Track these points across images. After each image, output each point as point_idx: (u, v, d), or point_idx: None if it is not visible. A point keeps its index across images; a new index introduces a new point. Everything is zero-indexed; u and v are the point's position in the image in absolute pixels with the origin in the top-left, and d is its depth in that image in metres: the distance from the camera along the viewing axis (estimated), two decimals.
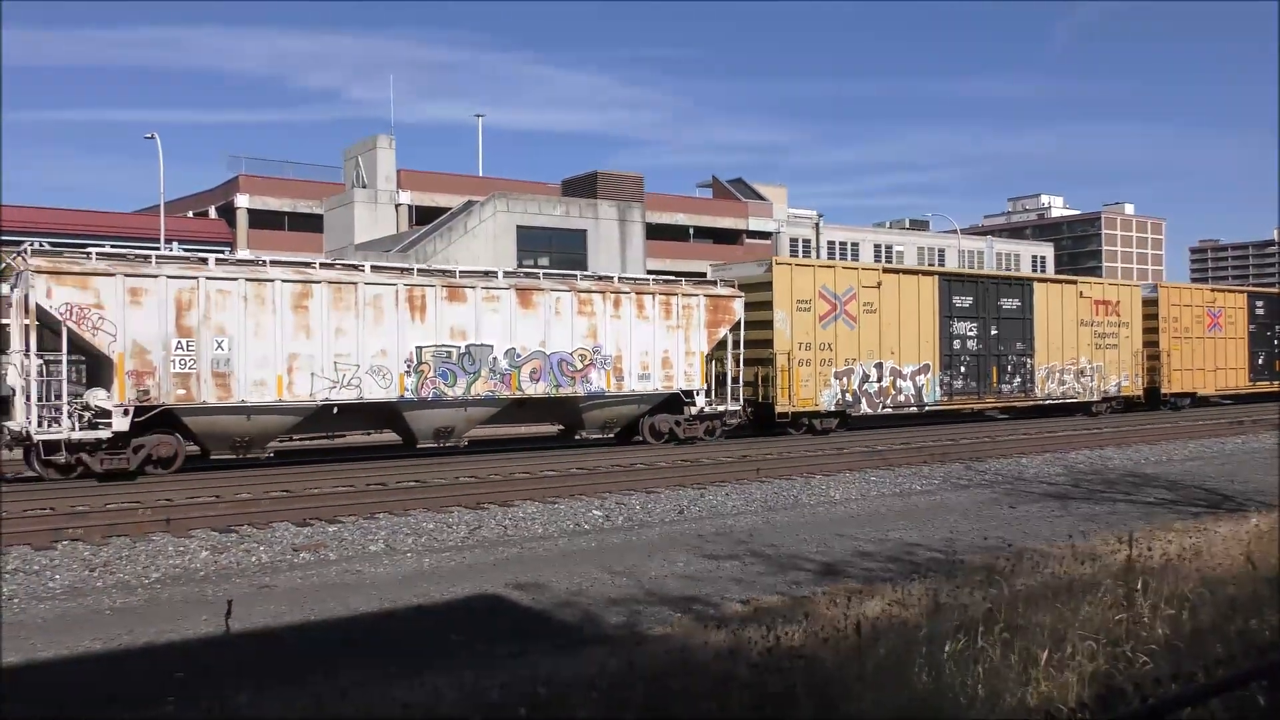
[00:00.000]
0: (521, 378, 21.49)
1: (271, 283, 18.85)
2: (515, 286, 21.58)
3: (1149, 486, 17.84)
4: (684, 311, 23.66)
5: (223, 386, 18.37)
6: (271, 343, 18.77)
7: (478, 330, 21.00)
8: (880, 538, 13.05)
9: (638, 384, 23.01)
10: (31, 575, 10.89)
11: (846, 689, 5.44)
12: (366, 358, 19.72)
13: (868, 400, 27.46)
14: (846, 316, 27.00)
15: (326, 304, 19.33)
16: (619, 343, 22.73)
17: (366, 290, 19.80)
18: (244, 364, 18.51)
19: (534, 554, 12.21)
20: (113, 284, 17.51)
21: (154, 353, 17.84)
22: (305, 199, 56.38)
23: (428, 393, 20.39)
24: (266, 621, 9.03)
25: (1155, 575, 7.78)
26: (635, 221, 44.63)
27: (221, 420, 18.70)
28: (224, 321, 18.41)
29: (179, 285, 18.09)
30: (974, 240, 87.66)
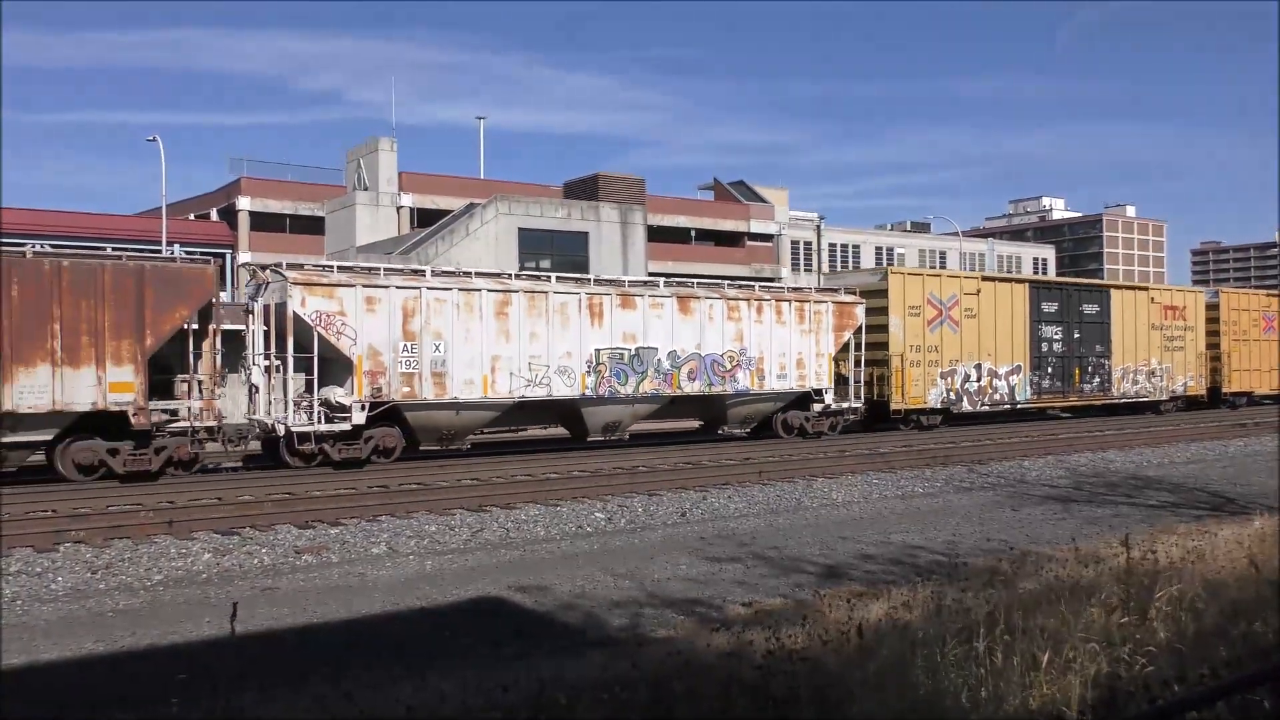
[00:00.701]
0: (681, 377, 23.71)
1: (479, 292, 21.02)
2: (676, 295, 23.84)
3: (1151, 489, 17.83)
4: (815, 317, 25.98)
5: (439, 385, 20.49)
6: (478, 346, 20.92)
7: (645, 334, 23.20)
8: (882, 540, 13.05)
9: (776, 383, 25.26)
10: (34, 577, 10.90)
11: (849, 692, 5.44)
12: (555, 359, 21.86)
13: (968, 398, 29.75)
14: (950, 321, 29.29)
15: (523, 311, 21.49)
16: (761, 345, 24.95)
17: (555, 299, 21.92)
18: (456, 365, 20.66)
19: (536, 556, 12.21)
20: (353, 294, 19.64)
21: (385, 355, 19.94)
22: (307, 201, 56.40)
23: (604, 390, 22.54)
24: (269, 624, 9.04)
25: (1158, 578, 7.77)
26: (637, 224, 44.65)
27: (436, 415, 20.86)
28: (440, 327, 20.51)
29: (404, 295, 20.19)
30: (975, 242, 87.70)
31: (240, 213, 55.24)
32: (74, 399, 17.01)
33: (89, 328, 17.17)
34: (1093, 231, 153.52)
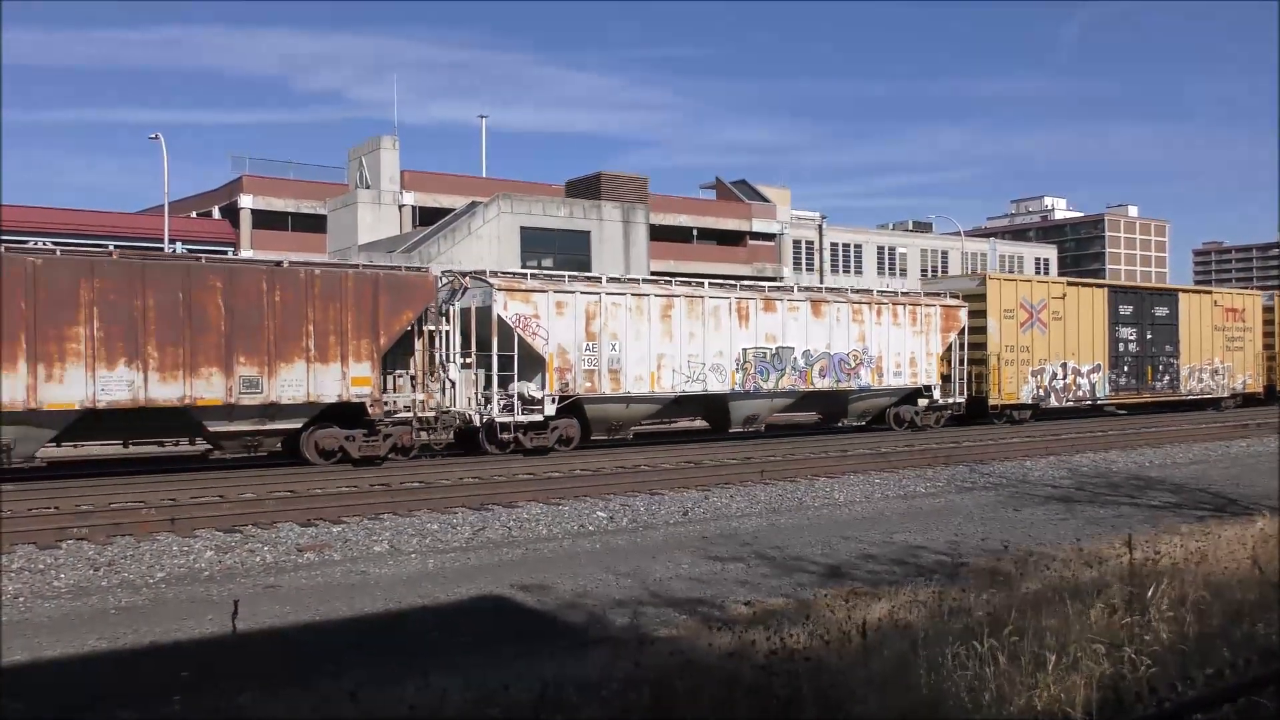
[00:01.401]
0: (814, 374, 26.35)
1: (646, 297, 23.64)
2: (810, 299, 26.52)
3: (1154, 489, 17.82)
4: (925, 319, 28.56)
5: (614, 380, 23.02)
6: (646, 345, 23.48)
7: (784, 335, 25.79)
8: (885, 540, 13.04)
9: (893, 380, 27.90)
10: (36, 574, 10.91)
11: (851, 692, 5.44)
12: (709, 357, 24.44)
13: (1055, 395, 32.35)
14: (1039, 323, 31.96)
15: (683, 314, 24.10)
16: (880, 346, 27.55)
17: (709, 303, 24.55)
18: (629, 362, 23.19)
19: (538, 555, 12.22)
20: (545, 299, 22.14)
21: (571, 353, 22.46)
22: (309, 199, 56.42)
23: (750, 386, 25.17)
24: (272, 622, 9.04)
25: (1161, 579, 7.77)
26: (639, 223, 44.64)
27: (610, 408, 23.41)
28: (616, 329, 23.03)
29: (587, 299, 22.73)
30: (977, 242, 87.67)
31: (242, 210, 55.26)
32: (323, 391, 19.42)
33: (335, 329, 19.54)
34: (1095, 231, 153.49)
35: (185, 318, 18.12)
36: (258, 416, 19.06)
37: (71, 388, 17.21)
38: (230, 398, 18.45)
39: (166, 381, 17.96)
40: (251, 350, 18.68)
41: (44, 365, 17.01)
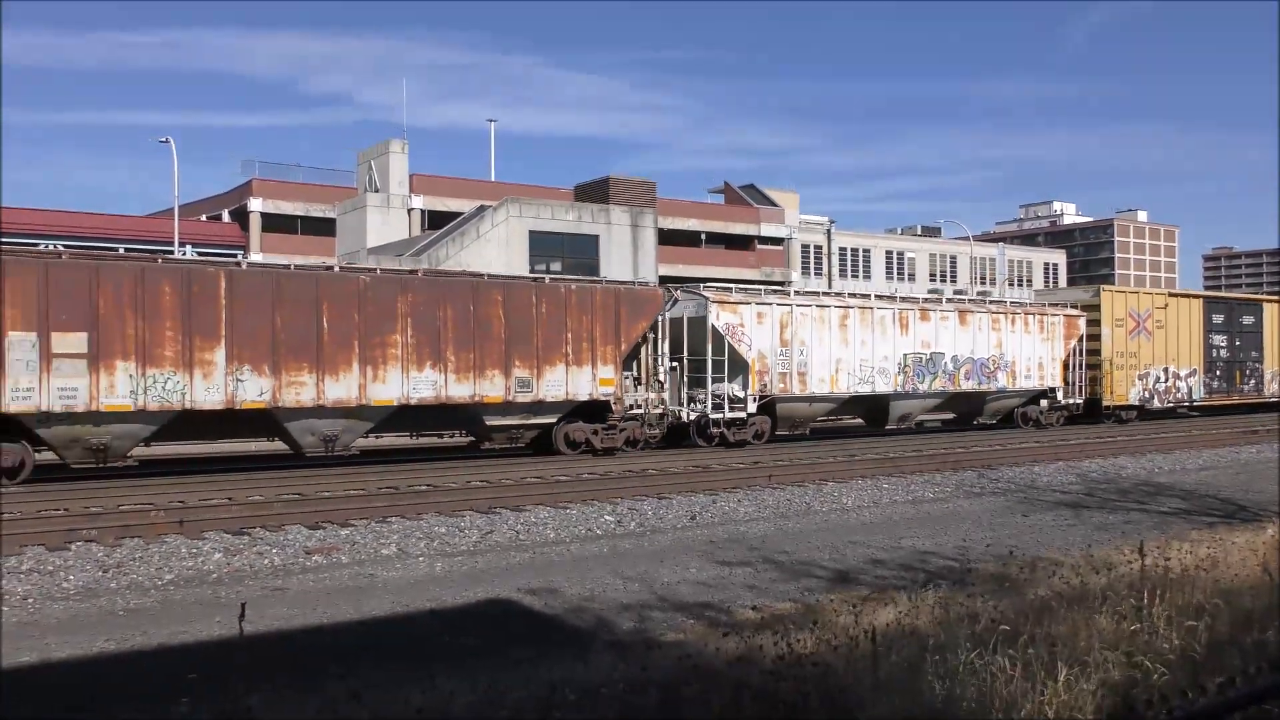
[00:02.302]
0: (960, 377, 29.55)
1: (828, 308, 27.04)
2: (958, 309, 29.97)
3: (1163, 496, 17.75)
4: (1050, 328, 31.89)
5: (802, 382, 26.22)
6: (828, 351, 26.69)
7: (936, 341, 28.98)
8: (893, 545, 13.01)
9: (1024, 382, 31.28)
10: (46, 575, 10.94)
11: (859, 697, 5.42)
12: (877, 362, 27.63)
13: (1158, 397, 35.66)
14: (1145, 331, 35.33)
15: (856, 323, 27.33)
16: (1014, 351, 30.83)
17: (877, 313, 27.83)
18: (814, 366, 26.39)
19: (546, 559, 12.21)
20: (749, 310, 25.51)
21: (769, 358, 25.69)
22: (318, 203, 56.55)
23: (909, 387, 28.37)
24: (279, 624, 9.05)
25: (1171, 585, 7.74)
26: (647, 227, 44.63)
27: (796, 406, 26.66)
28: (804, 336, 26.28)
29: (781, 310, 26.09)
30: (986, 247, 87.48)
31: (252, 214, 55.42)
32: (577, 391, 22.54)
33: (587, 336, 22.59)
34: (1104, 236, 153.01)
35: (474, 327, 21.30)
36: (525, 412, 22.36)
37: (391, 387, 20.37)
38: (508, 395, 21.71)
39: (460, 382, 21.16)
40: (524, 355, 21.89)
41: (371, 368, 20.16)
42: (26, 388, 17.25)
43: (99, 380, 17.77)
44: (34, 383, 17.31)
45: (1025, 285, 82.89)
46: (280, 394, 19.24)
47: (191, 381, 18.53)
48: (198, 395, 18.61)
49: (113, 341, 17.89)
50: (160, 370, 18.30)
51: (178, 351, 18.44)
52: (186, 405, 18.55)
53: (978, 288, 73.45)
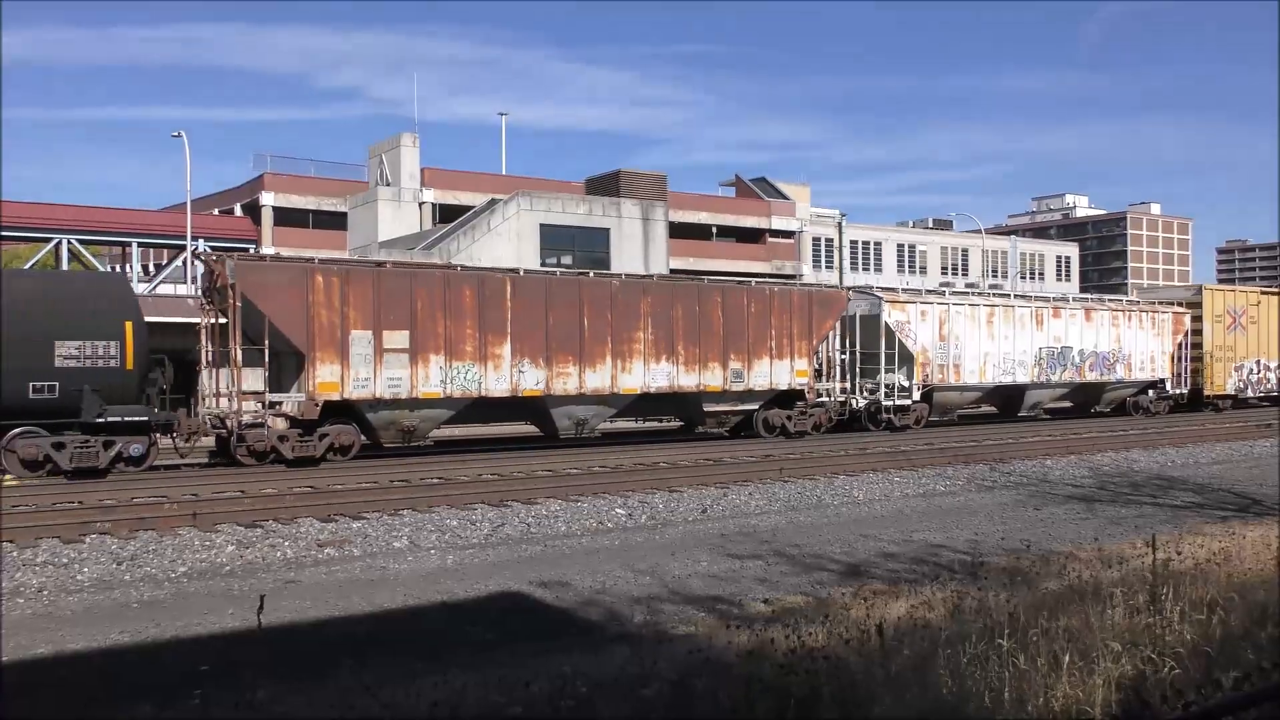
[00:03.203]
0: (1085, 369, 32.91)
1: (977, 306, 30.40)
2: (1084, 307, 33.41)
3: (1176, 489, 17.68)
4: (1160, 324, 35.32)
5: (956, 373, 29.53)
6: (977, 345, 29.94)
7: (1066, 336, 32.30)
8: (904, 539, 12.99)
9: (1138, 374, 34.55)
10: (60, 568, 11.01)
11: (871, 691, 5.42)
12: (1017, 355, 30.87)
13: (1251, 387, 38.72)
14: (1240, 326, 38.25)
15: (1000, 320, 30.55)
16: (1130, 345, 34.19)
17: (1018, 311, 31.23)
18: (966, 358, 29.69)
19: (557, 552, 12.23)
20: (914, 308, 28.86)
21: (930, 351, 28.87)
22: (330, 197, 56.67)
23: (1042, 378, 31.61)
24: (292, 617, 9.09)
25: (1183, 579, 7.71)
26: (658, 220, 44.59)
27: (949, 395, 29.90)
28: (958, 332, 29.52)
29: (940, 308, 29.36)
30: (998, 240, 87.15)
31: (264, 208, 55.58)
32: (778, 381, 25.54)
33: (786, 333, 25.58)
34: (1117, 229, 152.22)
35: (699, 325, 24.21)
36: (736, 400, 25.31)
37: (635, 377, 23.32)
38: (725, 385, 24.64)
39: (688, 372, 24.09)
40: (738, 350, 24.79)
41: (620, 360, 23.06)
42: (364, 378, 20.06)
43: (417, 371, 20.62)
44: (370, 374, 20.14)
45: (1037, 279, 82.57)
46: (551, 383, 22.24)
47: (485, 372, 21.43)
48: (489, 384, 21.51)
49: (427, 338, 20.74)
50: (462, 362, 21.19)
51: (475, 346, 21.33)
52: (481, 393, 21.46)
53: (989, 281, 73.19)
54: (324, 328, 19.66)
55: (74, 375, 17.39)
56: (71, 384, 17.36)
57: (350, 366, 19.87)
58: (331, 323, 19.74)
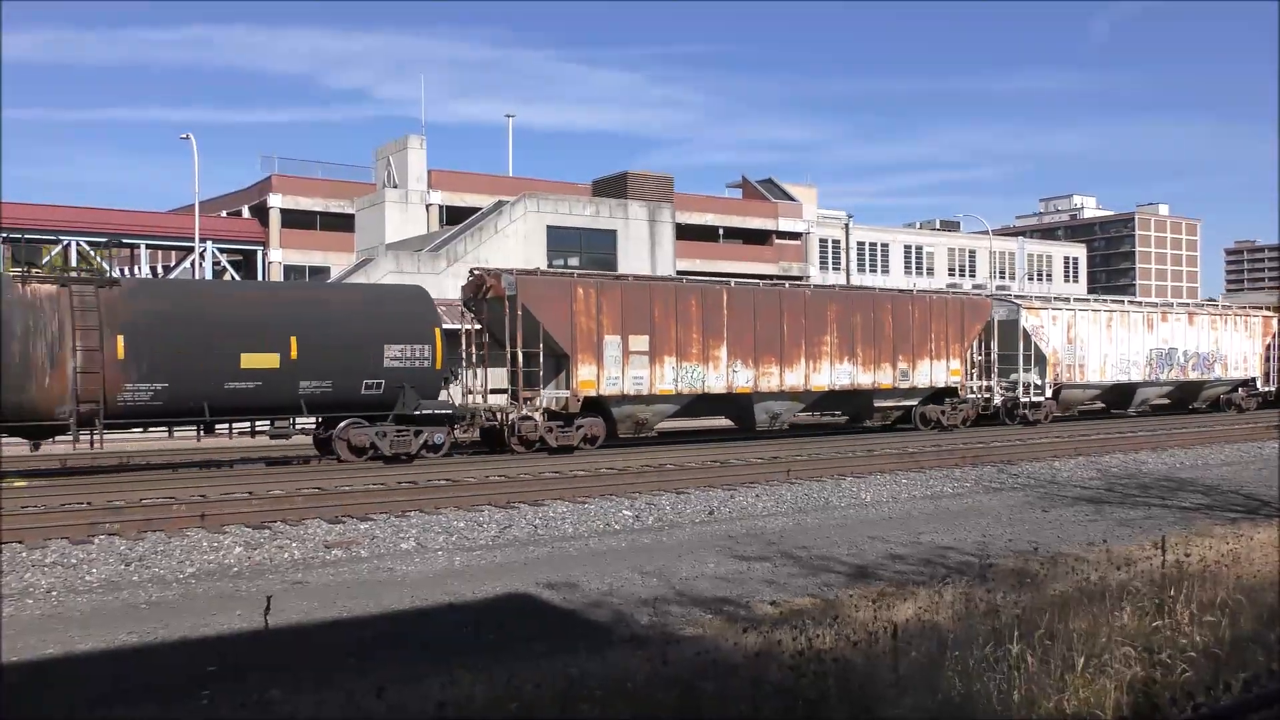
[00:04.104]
0: (1188, 369, 36.31)
1: (1099, 312, 33.89)
2: (1187, 312, 37.30)
3: (1185, 491, 17.62)
4: (1250, 327, 38.92)
5: (1081, 373, 32.84)
6: (1097, 347, 33.27)
7: (1171, 339, 35.70)
8: (912, 540, 12.97)
9: (1233, 373, 38.16)
10: (69, 569, 11.03)
11: (879, 693, 5.41)
12: (1131, 356, 34.26)
13: None
14: None
15: (1117, 324, 34.05)
16: (1226, 347, 37.68)
17: (1131, 316, 34.62)
18: (1089, 360, 33.00)
19: (564, 553, 12.23)
20: (1047, 314, 32.14)
21: (1060, 352, 32.08)
22: (337, 199, 56.74)
23: (1152, 377, 34.96)
24: (299, 617, 9.09)
25: (1192, 581, 7.68)
26: (665, 222, 44.60)
27: (1075, 392, 33.56)
28: (1083, 335, 32.77)
29: (1068, 314, 32.77)
30: (1005, 241, 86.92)
31: (272, 210, 55.66)
32: (936, 379, 28.58)
33: (943, 336, 28.56)
34: (1125, 230, 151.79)
35: (874, 330, 27.18)
36: (901, 396, 28.38)
37: (823, 376, 26.30)
38: (895, 383, 27.65)
39: (865, 372, 27.10)
40: (904, 351, 27.78)
41: (812, 361, 26.07)
42: (614, 376, 22.93)
43: (655, 371, 23.62)
44: (619, 373, 23.03)
45: (1045, 280, 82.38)
46: (758, 381, 25.20)
47: (706, 371, 24.37)
48: (710, 382, 24.46)
49: (663, 342, 23.72)
50: (689, 363, 24.12)
51: (699, 349, 24.27)
52: (704, 389, 24.39)
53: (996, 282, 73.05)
54: (584, 333, 22.58)
55: (397, 374, 20.33)
56: (394, 381, 20.30)
57: (604, 366, 22.86)
58: (589, 329, 22.67)
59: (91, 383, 17.48)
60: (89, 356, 17.45)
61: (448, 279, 37.24)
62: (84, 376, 17.42)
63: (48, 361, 17.35)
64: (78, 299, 17.61)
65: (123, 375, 17.84)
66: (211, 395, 18.57)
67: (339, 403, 19.88)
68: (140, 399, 18.05)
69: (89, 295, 17.76)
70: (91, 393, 17.51)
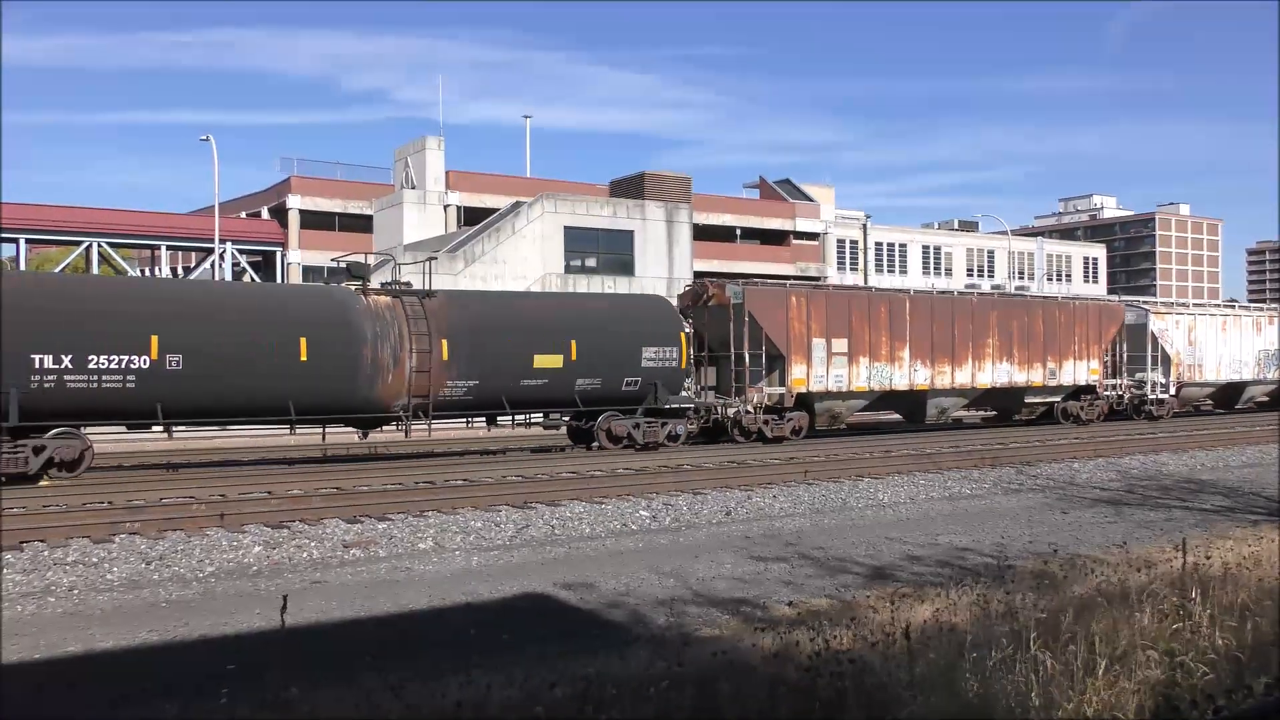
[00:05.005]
0: None
1: (1215, 317, 37.18)
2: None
3: (1206, 493, 17.49)
4: None
5: (1199, 372, 36.02)
6: (1213, 349, 36.43)
7: (1275, 340, 38.43)
8: (929, 542, 12.92)
9: None
10: (90, 567, 11.12)
11: (896, 694, 5.39)
12: (1242, 357, 37.38)
13: None
14: None
15: (1230, 327, 37.18)
16: None
17: (1242, 320, 37.94)
18: (1206, 360, 36.19)
19: (581, 554, 12.25)
20: (1170, 318, 35.43)
21: (1183, 354, 35.17)
22: (355, 200, 57.01)
23: (1259, 376, 38.20)
24: (318, 617, 9.14)
25: (1213, 584, 7.63)
26: (682, 222, 44.58)
27: (1192, 390, 36.49)
28: (1201, 338, 35.92)
29: (1188, 319, 35.98)
30: (1024, 241, 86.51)
31: (290, 211, 55.98)
32: (1078, 378, 31.83)
33: (1083, 339, 31.79)
34: (1145, 230, 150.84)
35: (1027, 333, 30.29)
36: (1048, 393, 31.63)
37: (986, 375, 29.29)
38: (1044, 381, 30.77)
39: (1020, 371, 30.18)
40: (1052, 352, 30.83)
41: (976, 361, 29.07)
42: (820, 375, 25.91)
43: (852, 370, 26.56)
44: (824, 371, 26.00)
45: (1064, 280, 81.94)
46: (934, 380, 28.24)
47: (893, 370, 27.33)
48: (894, 380, 27.45)
49: (859, 344, 26.60)
50: (878, 363, 27.01)
51: (887, 350, 27.17)
52: (890, 387, 27.38)
53: (1015, 283, 72.68)
54: (796, 337, 25.45)
55: (651, 372, 23.24)
56: (649, 379, 23.18)
57: (812, 366, 25.77)
58: (800, 333, 25.53)
59: (423, 380, 20.35)
60: (422, 358, 20.29)
61: (464, 279, 37.36)
62: (417, 375, 20.25)
63: (391, 362, 20.10)
64: (409, 308, 20.56)
65: (445, 374, 20.70)
66: (509, 391, 21.55)
67: (603, 398, 22.82)
68: (456, 394, 20.99)
69: (417, 305, 20.72)
70: (422, 388, 20.41)
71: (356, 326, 19.82)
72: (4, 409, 16.46)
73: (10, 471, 16.66)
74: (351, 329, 19.79)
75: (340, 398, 19.71)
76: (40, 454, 16.99)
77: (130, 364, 17.48)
